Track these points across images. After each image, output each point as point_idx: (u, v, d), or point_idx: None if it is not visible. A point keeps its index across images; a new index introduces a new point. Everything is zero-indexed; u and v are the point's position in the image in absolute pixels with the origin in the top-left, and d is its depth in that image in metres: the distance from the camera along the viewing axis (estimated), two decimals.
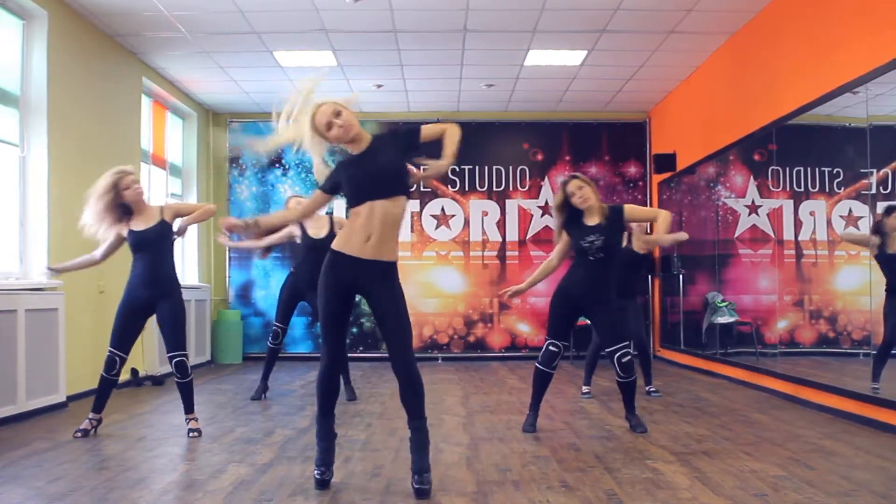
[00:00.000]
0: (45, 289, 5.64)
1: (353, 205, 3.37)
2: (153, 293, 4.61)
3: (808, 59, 5.73)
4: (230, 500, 3.25)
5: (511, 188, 9.85)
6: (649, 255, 6.19)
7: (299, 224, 5.88)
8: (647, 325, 9.04)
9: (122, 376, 4.83)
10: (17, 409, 5.11)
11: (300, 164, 9.74)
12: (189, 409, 4.73)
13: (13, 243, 5.76)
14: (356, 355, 9.22)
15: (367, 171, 3.36)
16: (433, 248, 9.77)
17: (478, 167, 9.77)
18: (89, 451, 4.24)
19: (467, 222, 9.79)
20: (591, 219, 4.63)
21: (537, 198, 9.83)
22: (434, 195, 9.79)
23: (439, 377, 7.74)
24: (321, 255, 3.56)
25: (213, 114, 9.79)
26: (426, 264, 9.74)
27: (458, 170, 9.74)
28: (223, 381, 7.44)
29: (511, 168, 9.85)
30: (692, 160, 8.24)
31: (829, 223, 5.70)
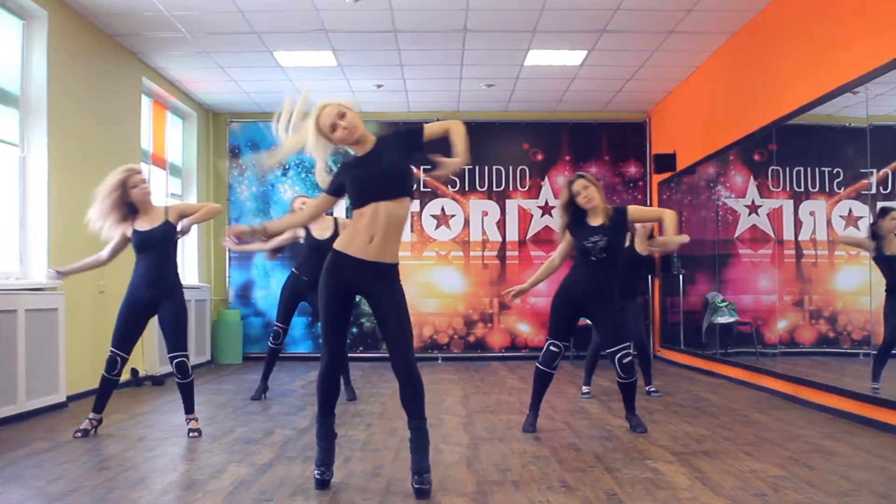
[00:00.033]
0: (45, 289, 5.64)
1: (357, 206, 3.36)
2: (155, 293, 4.61)
3: (808, 59, 5.73)
4: (230, 500, 3.25)
5: (511, 188, 9.85)
6: (650, 255, 6.19)
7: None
8: (647, 325, 9.04)
9: (123, 376, 4.81)
10: (17, 409, 5.12)
11: (300, 164, 9.74)
12: (189, 409, 4.73)
13: (13, 243, 5.76)
14: (356, 355, 9.22)
15: (372, 173, 3.35)
16: (433, 248, 9.77)
17: (478, 167, 9.76)
18: (89, 451, 4.24)
19: (467, 222, 9.79)
20: (594, 219, 4.63)
21: (537, 198, 9.83)
22: (434, 195, 9.79)
23: (439, 377, 7.74)
24: (324, 256, 3.53)
25: (213, 114, 9.79)
26: (426, 264, 9.73)
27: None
28: (223, 381, 7.45)
29: (511, 168, 9.85)
30: (692, 160, 8.24)
31: (829, 223, 5.70)
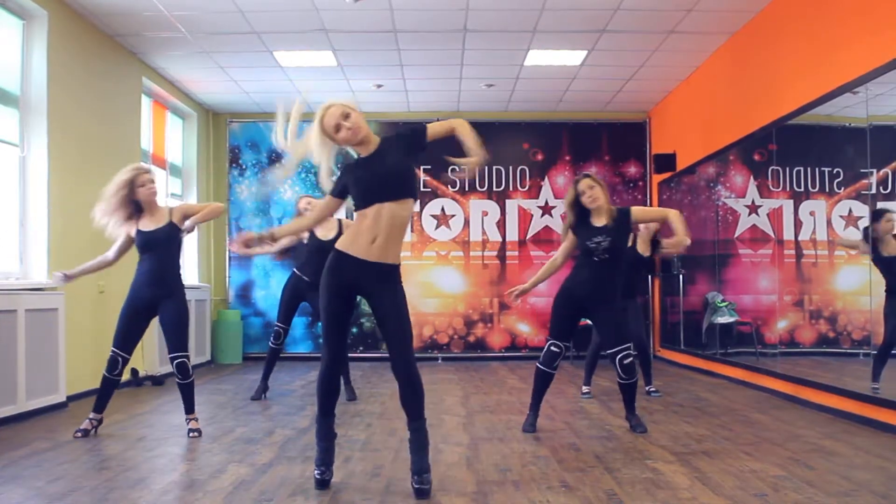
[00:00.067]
0: (45, 289, 5.64)
1: (361, 207, 3.36)
2: (157, 293, 4.61)
3: (808, 59, 5.73)
4: (230, 500, 3.25)
5: (511, 188, 9.85)
6: (651, 255, 6.20)
7: None
8: (647, 325, 9.04)
9: (123, 376, 4.81)
10: (17, 409, 5.12)
11: (300, 164, 9.71)
12: (189, 409, 4.73)
13: (13, 243, 5.76)
14: (356, 355, 9.22)
15: (376, 174, 3.35)
16: (433, 248, 9.77)
17: (477, 167, 9.73)
18: (89, 451, 4.24)
19: (467, 222, 9.79)
20: (598, 220, 4.63)
21: (537, 198, 9.83)
22: (434, 195, 9.78)
23: (439, 377, 7.74)
24: (327, 257, 3.55)
25: (213, 114, 9.79)
26: (426, 264, 9.73)
27: (458, 170, 9.72)
28: (223, 381, 7.45)
29: (511, 168, 9.85)
30: (692, 160, 8.24)
31: (829, 223, 5.70)
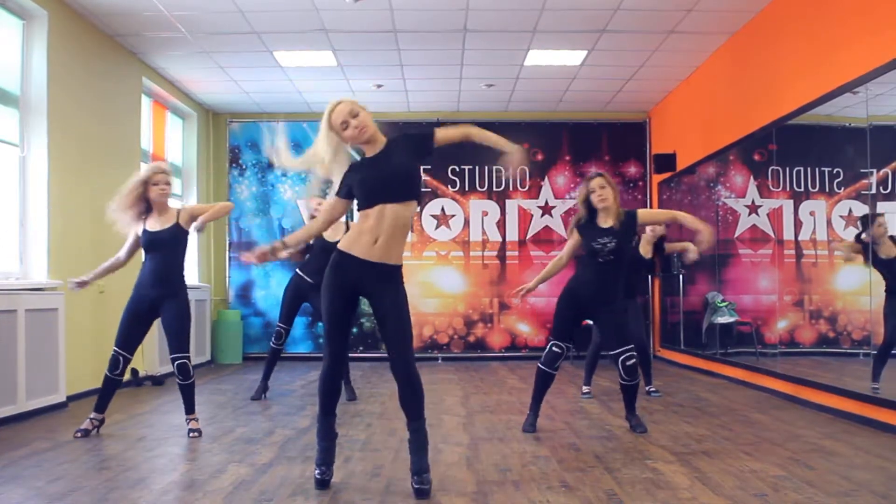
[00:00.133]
0: (45, 289, 5.64)
1: (364, 207, 3.35)
2: (160, 293, 4.61)
3: (808, 59, 5.73)
4: (230, 500, 3.25)
5: (511, 188, 9.85)
6: (653, 257, 6.22)
7: None
8: (647, 326, 9.04)
9: (124, 376, 4.81)
10: (17, 409, 5.12)
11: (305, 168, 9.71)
12: (190, 409, 4.73)
13: (13, 243, 5.76)
14: (356, 355, 9.21)
15: (381, 174, 3.34)
16: (433, 248, 9.77)
17: (478, 167, 9.76)
18: (89, 451, 4.24)
19: (467, 222, 9.79)
20: (605, 221, 4.63)
21: (537, 198, 9.83)
22: (434, 195, 9.78)
23: (439, 377, 7.74)
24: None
25: (213, 114, 9.79)
26: (426, 264, 9.73)
27: (458, 169, 9.75)
28: (223, 381, 7.45)
29: (511, 168, 9.82)
30: (692, 160, 8.24)
31: (829, 223, 5.70)
